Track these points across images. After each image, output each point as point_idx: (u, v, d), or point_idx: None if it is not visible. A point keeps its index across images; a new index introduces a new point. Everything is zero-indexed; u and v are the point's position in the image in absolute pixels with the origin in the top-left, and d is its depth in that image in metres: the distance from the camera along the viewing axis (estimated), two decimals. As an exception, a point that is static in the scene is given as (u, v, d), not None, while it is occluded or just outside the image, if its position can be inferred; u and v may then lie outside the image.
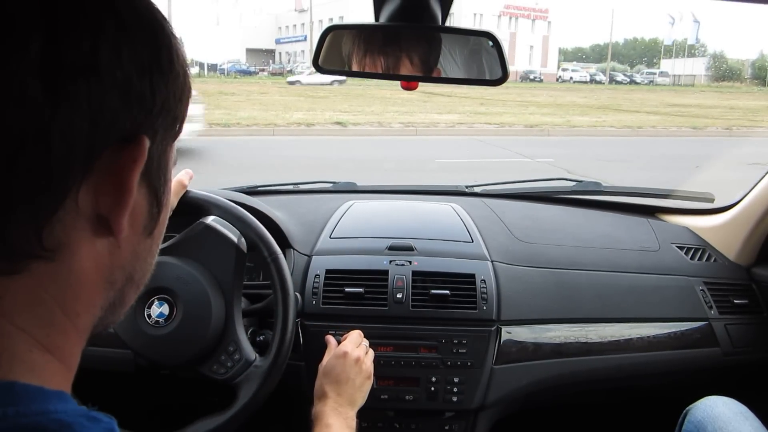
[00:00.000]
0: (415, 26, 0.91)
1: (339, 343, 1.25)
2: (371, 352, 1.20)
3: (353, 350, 1.15)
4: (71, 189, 0.37)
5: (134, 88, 0.38)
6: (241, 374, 1.09)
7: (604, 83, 42.17)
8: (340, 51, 0.93)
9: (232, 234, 1.13)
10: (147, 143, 0.40)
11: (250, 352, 1.11)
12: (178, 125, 0.44)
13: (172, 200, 1.14)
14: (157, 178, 0.43)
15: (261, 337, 1.22)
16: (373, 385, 1.26)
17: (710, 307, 1.46)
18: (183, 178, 1.16)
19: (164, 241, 1.15)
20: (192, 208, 1.16)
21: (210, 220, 1.14)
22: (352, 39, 0.93)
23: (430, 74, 0.93)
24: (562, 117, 15.04)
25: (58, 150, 0.35)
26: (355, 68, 0.93)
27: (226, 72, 41.54)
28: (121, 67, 0.37)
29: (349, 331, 1.24)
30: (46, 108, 0.34)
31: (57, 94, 0.35)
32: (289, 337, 1.10)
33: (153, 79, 0.40)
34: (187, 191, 1.16)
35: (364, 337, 1.28)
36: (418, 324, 1.29)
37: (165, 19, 0.42)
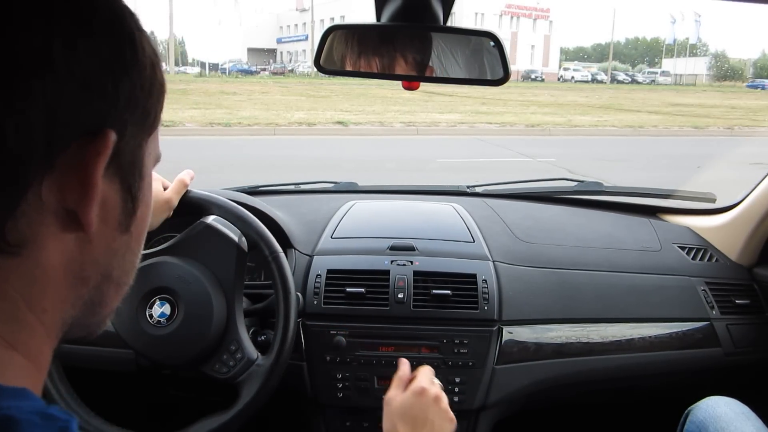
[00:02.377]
0: (417, 26, 0.91)
1: (340, 343, 1.25)
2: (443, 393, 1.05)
3: (431, 387, 1.01)
4: (32, 184, 0.37)
5: (94, 82, 0.38)
6: (244, 373, 1.09)
7: (605, 83, 42.13)
8: (342, 51, 0.93)
9: (232, 233, 1.13)
10: (113, 137, 0.39)
11: (252, 350, 1.11)
12: (150, 119, 0.44)
13: (173, 199, 1.14)
14: (130, 173, 0.43)
15: (262, 337, 1.22)
16: (374, 384, 1.26)
17: (712, 308, 1.46)
18: (184, 177, 1.16)
19: (165, 240, 1.17)
20: (193, 207, 1.16)
21: (211, 219, 1.14)
22: (354, 39, 0.93)
23: (431, 74, 0.93)
24: (563, 116, 15.03)
25: (14, 145, 0.35)
26: (357, 68, 0.93)
27: (227, 71, 41.62)
28: (78, 62, 0.37)
29: (348, 330, 1.25)
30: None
31: (10, 90, 0.35)
32: (291, 335, 1.10)
33: (115, 73, 0.39)
34: (187, 191, 1.16)
35: (365, 336, 1.28)
36: (419, 324, 1.29)
37: (129, 12, 0.42)
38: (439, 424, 0.98)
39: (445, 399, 1.01)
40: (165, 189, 1.14)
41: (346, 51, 0.93)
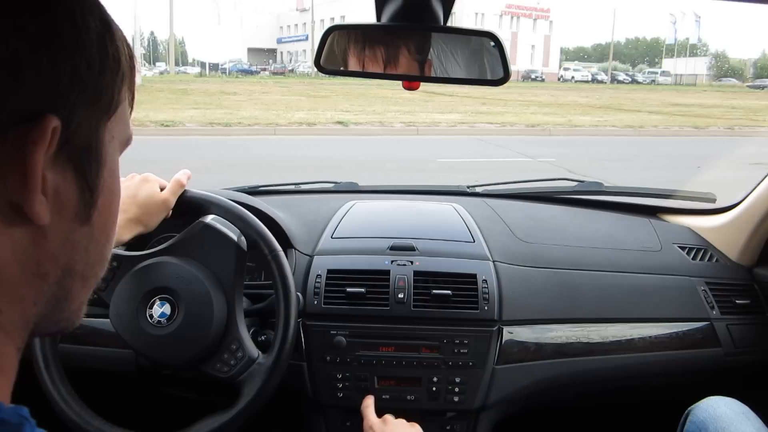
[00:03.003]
0: (417, 26, 0.91)
1: (340, 343, 1.26)
2: None
3: (375, 418, 1.16)
4: None
5: (26, 64, 0.35)
6: (245, 371, 1.09)
7: (605, 83, 42.15)
8: (342, 51, 0.93)
9: (231, 232, 1.13)
10: (53, 122, 0.36)
11: (253, 349, 1.11)
12: (106, 100, 0.40)
13: (170, 200, 1.13)
14: (85, 160, 0.40)
15: (263, 337, 1.22)
16: (374, 384, 1.27)
17: (712, 308, 1.46)
18: (180, 177, 1.16)
19: (164, 241, 1.17)
20: (191, 207, 1.16)
21: (209, 219, 1.14)
22: (354, 39, 0.93)
23: (432, 74, 0.94)
24: (563, 116, 15.03)
25: None
26: (357, 68, 0.93)
27: (227, 71, 41.68)
28: (3, 42, 0.34)
29: (348, 330, 1.27)
30: None
31: None
32: (292, 333, 1.11)
33: (52, 52, 0.36)
34: (185, 191, 1.16)
35: (365, 336, 1.28)
36: (419, 324, 1.29)
37: None
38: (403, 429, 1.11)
39: (389, 416, 1.17)
40: (162, 190, 1.14)
41: (346, 51, 0.93)
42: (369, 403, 1.21)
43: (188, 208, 1.16)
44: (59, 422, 1.04)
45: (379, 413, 1.28)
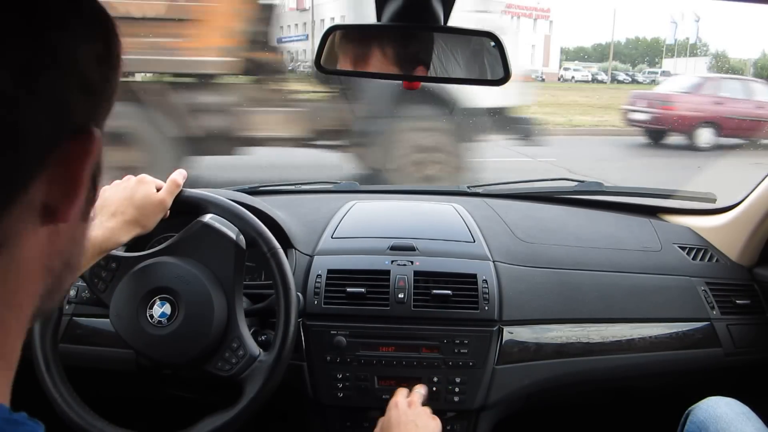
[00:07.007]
0: (418, 26, 0.91)
1: (340, 343, 1.26)
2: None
3: (403, 399, 1.14)
4: (27, 183, 0.36)
5: (89, 81, 0.38)
6: (246, 369, 1.09)
7: (606, 82, 42.10)
8: (343, 51, 0.93)
9: (230, 231, 1.13)
10: (98, 134, 0.39)
11: (254, 347, 1.11)
12: (112, 107, 0.44)
13: (167, 200, 1.13)
14: (97, 164, 0.43)
15: (263, 337, 1.22)
16: (374, 384, 1.27)
17: (712, 308, 1.46)
18: (176, 177, 1.15)
19: (163, 241, 1.17)
20: (189, 207, 1.16)
21: (207, 218, 1.14)
22: (355, 39, 0.93)
23: (432, 74, 0.94)
24: (563, 116, 15.00)
25: (20, 145, 0.35)
26: (357, 68, 0.93)
27: (227, 71, 41.57)
28: (78, 61, 0.37)
29: (349, 330, 1.27)
30: (13, 102, 0.34)
31: (24, 89, 0.34)
32: (293, 330, 1.11)
33: (104, 72, 0.40)
34: (182, 191, 1.16)
35: (366, 336, 1.28)
36: (419, 324, 1.29)
37: (106, 5, 0.42)
38: (424, 423, 1.07)
39: (418, 401, 1.12)
40: (158, 190, 1.14)
41: (346, 51, 0.93)
42: (403, 391, 1.19)
43: (186, 207, 1.16)
44: (60, 423, 1.04)
45: (380, 413, 1.28)
